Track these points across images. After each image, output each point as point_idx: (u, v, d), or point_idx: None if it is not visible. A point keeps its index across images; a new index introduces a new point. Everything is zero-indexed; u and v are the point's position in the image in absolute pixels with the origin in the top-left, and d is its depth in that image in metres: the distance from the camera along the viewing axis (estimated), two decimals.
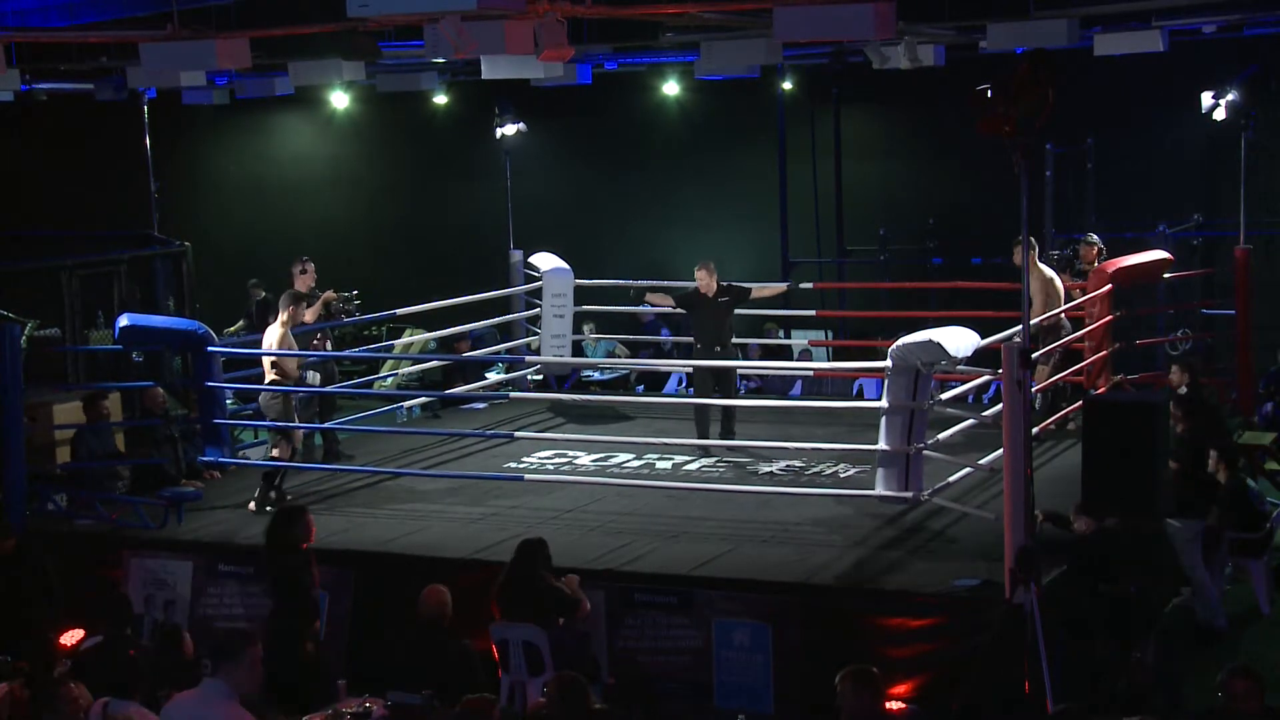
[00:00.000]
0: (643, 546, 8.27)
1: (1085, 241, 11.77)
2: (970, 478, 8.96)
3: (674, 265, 16.58)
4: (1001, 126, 6.81)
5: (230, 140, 19.72)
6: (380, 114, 18.55)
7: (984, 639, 6.93)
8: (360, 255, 18.08)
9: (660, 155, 17.62)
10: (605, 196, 17.85)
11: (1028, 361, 7.20)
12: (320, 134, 19.53)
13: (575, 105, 16.90)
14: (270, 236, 18.82)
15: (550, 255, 12.88)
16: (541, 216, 16.41)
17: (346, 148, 19.35)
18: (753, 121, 16.98)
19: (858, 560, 7.91)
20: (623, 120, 17.72)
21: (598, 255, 16.79)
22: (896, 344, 8.51)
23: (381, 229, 18.96)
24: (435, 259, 18.11)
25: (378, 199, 19.14)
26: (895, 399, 8.42)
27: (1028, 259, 7.38)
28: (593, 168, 17.98)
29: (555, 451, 10.67)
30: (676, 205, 17.68)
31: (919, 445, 8.44)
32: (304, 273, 10.60)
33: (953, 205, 15.71)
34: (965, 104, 6.91)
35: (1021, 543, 7.04)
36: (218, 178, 19.94)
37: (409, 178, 18.98)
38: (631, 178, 17.75)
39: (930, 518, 8.61)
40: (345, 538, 8.70)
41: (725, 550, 8.16)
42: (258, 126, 19.50)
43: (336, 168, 19.40)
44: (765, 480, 9.74)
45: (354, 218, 19.08)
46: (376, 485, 9.94)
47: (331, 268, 10.72)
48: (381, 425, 11.49)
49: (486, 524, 8.88)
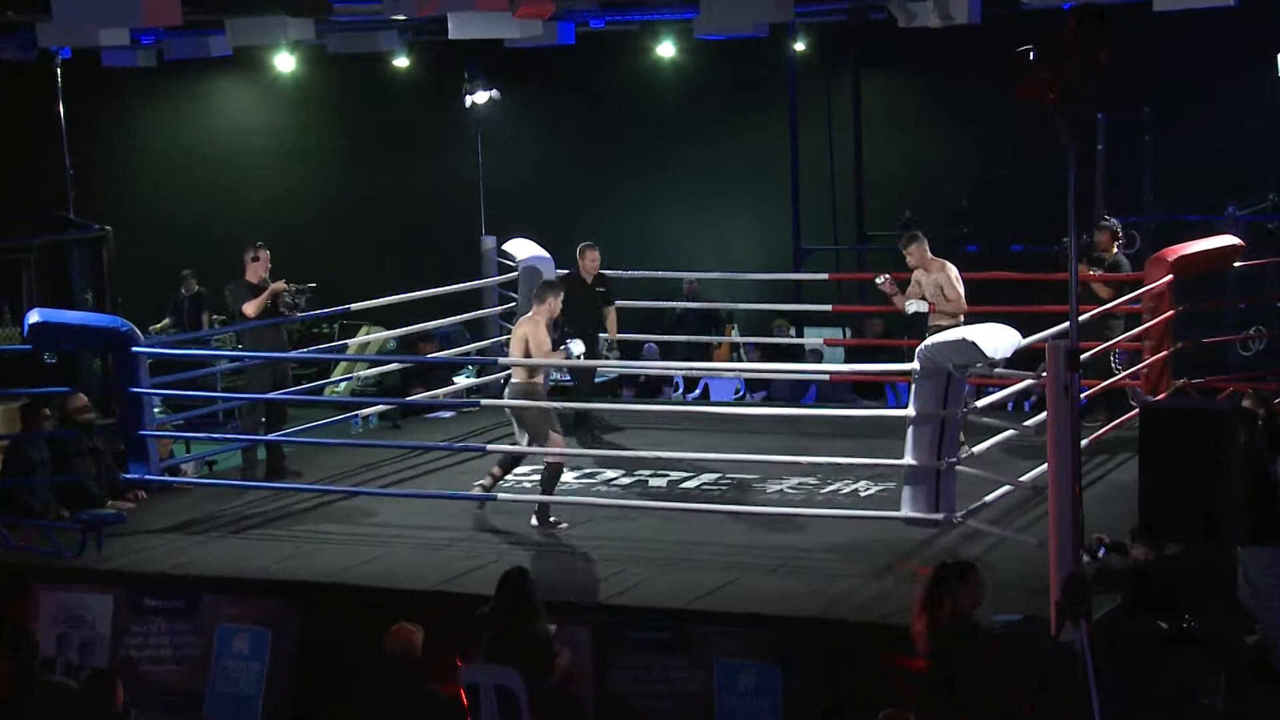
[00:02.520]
0: (634, 576, 8.27)
1: (1100, 226, 11.81)
2: (1010, 497, 8.97)
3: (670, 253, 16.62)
4: (1045, 93, 6.82)
5: (159, 109, 19.70)
6: (332, 79, 18.55)
7: (1027, 682, 6.93)
8: (308, 241, 18.06)
9: (654, 127, 17.65)
10: (591, 175, 17.87)
11: (1076, 363, 7.21)
12: (262, 102, 19.52)
13: (556, 69, 16.91)
14: (205, 220, 18.82)
15: (528, 242, 12.88)
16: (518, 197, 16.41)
17: (292, 118, 19.35)
18: (760, 88, 17.01)
19: (881, 592, 7.91)
20: (611, 87, 17.74)
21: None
22: (925, 343, 8.51)
23: (332, 211, 18.96)
24: (395, 246, 18.13)
25: (328, 177, 19.15)
26: (924, 406, 8.42)
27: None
28: (576, 142, 18.01)
29: (533, 467, 10.66)
30: (672, 185, 17.71)
31: (951, 460, 8.44)
32: (256, 260, 10.55)
33: (989, 184, 15.75)
34: (1004, 68, 6.91)
35: (1069, 572, 7.04)
36: (144, 152, 19.91)
37: (364, 153, 19.00)
38: (621, 153, 17.78)
39: (964, 543, 8.61)
40: (291, 566, 8.69)
41: (728, 580, 8.16)
42: (190, 93, 19.49)
43: (280, 141, 19.40)
44: (774, 500, 9.75)
45: (300, 198, 19.09)
46: (328, 505, 9.93)
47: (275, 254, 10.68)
48: (334, 437, 11.49)
49: (454, 550, 8.87)
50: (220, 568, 8.69)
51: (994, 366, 8.60)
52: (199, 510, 9.84)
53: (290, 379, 11.14)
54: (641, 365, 13.86)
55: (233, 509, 9.82)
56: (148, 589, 8.60)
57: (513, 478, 10.46)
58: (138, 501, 10.05)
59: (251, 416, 10.63)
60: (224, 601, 8.37)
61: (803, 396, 14.33)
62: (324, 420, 11.72)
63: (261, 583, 8.43)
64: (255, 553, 8.94)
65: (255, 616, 8.28)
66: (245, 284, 10.49)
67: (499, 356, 12.81)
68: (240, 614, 8.32)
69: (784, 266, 15.70)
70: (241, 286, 10.49)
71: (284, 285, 10.54)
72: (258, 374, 10.62)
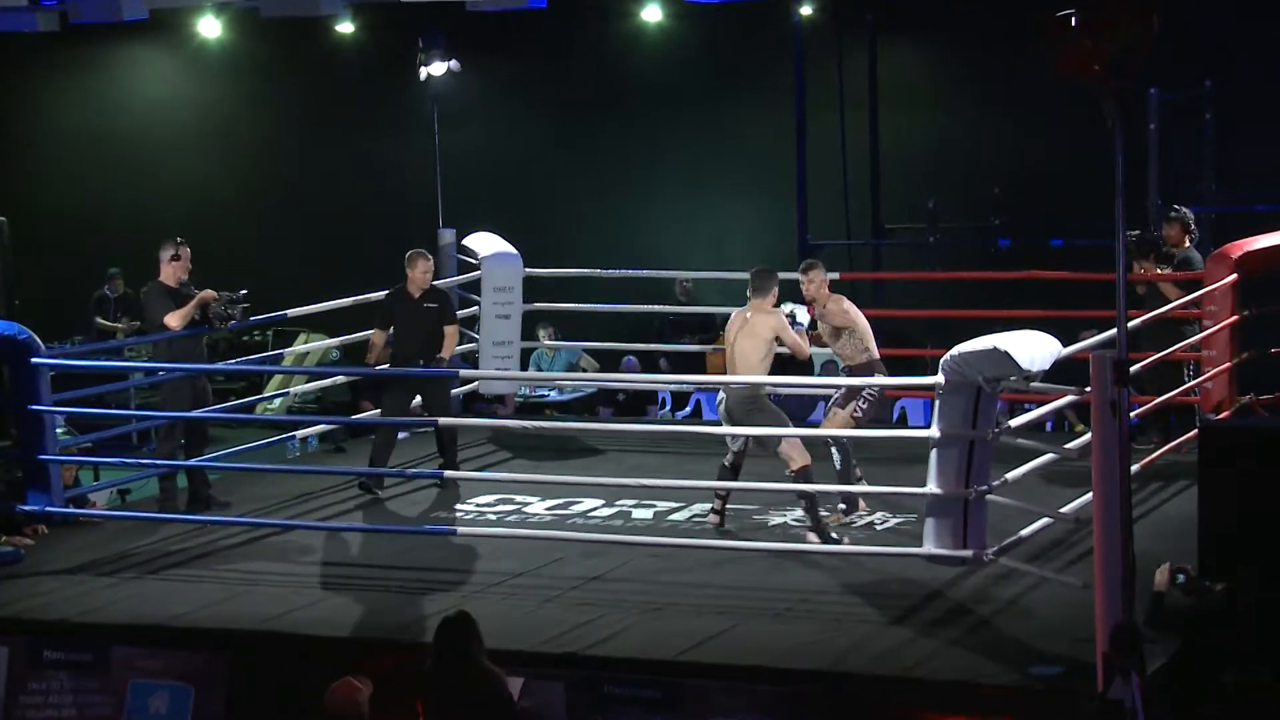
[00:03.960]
0: (615, 623, 8.25)
1: (1169, 218, 11.83)
2: (1049, 531, 8.97)
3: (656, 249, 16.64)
4: (1089, 66, 6.84)
5: (64, 80, 19.66)
6: (265, 47, 18.54)
7: None
8: (237, 235, 18.07)
9: (638, 105, 17.67)
10: (565, 159, 17.89)
11: (1125, 376, 7.22)
12: (185, 73, 19.51)
13: (525, 37, 16.93)
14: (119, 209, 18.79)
15: (492, 236, 12.90)
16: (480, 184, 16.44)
17: (218, 92, 19.33)
18: (761, 59, 17.04)
19: (900, 640, 7.91)
20: (588, 58, 17.76)
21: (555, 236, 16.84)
22: (951, 353, 8.51)
23: (266, 200, 18.95)
24: (339, 241, 18.12)
25: (260, 161, 19.14)
26: (949, 426, 8.42)
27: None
28: (549, 121, 18.02)
29: (499, 496, 10.65)
30: (660, 171, 17.73)
31: (980, 488, 8.45)
32: (175, 259, 10.51)
33: (1024, 170, 15.80)
34: (1041, 36, 6.92)
35: (1119, 618, 7.04)
36: (47, 130, 19.89)
37: (302, 133, 18.98)
38: (600, 135, 17.80)
39: (996, 584, 8.62)
40: (217, 612, 8.65)
41: (725, 627, 8.15)
42: (101, 62, 19.46)
43: (205, 119, 19.38)
44: (777, 534, 9.74)
45: (228, 185, 19.07)
46: (260, 541, 9.91)
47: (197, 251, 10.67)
48: (267, 461, 11.49)
49: (405, 593, 8.85)
50: (134, 614, 8.64)
51: (1030, 380, 8.60)
52: (109, 547, 9.80)
53: (211, 395, 11.12)
54: (623, 379, 13.84)
55: (148, 546, 9.78)
56: (48, 639, 8.53)
57: (474, 508, 10.47)
58: (37, 537, 10.00)
59: (170, 438, 10.60)
60: (138, 654, 8.32)
61: (810, 414, 14.33)
62: (256, 442, 11.69)
63: (182, 631, 8.37)
64: (175, 596, 8.89)
65: (175, 671, 8.23)
66: (162, 287, 10.46)
67: (459, 367, 12.84)
68: (157, 668, 8.27)
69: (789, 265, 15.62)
70: (158, 290, 10.45)
71: (213, 294, 10.50)
72: (177, 389, 10.58)
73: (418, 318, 10.93)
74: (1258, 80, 14.91)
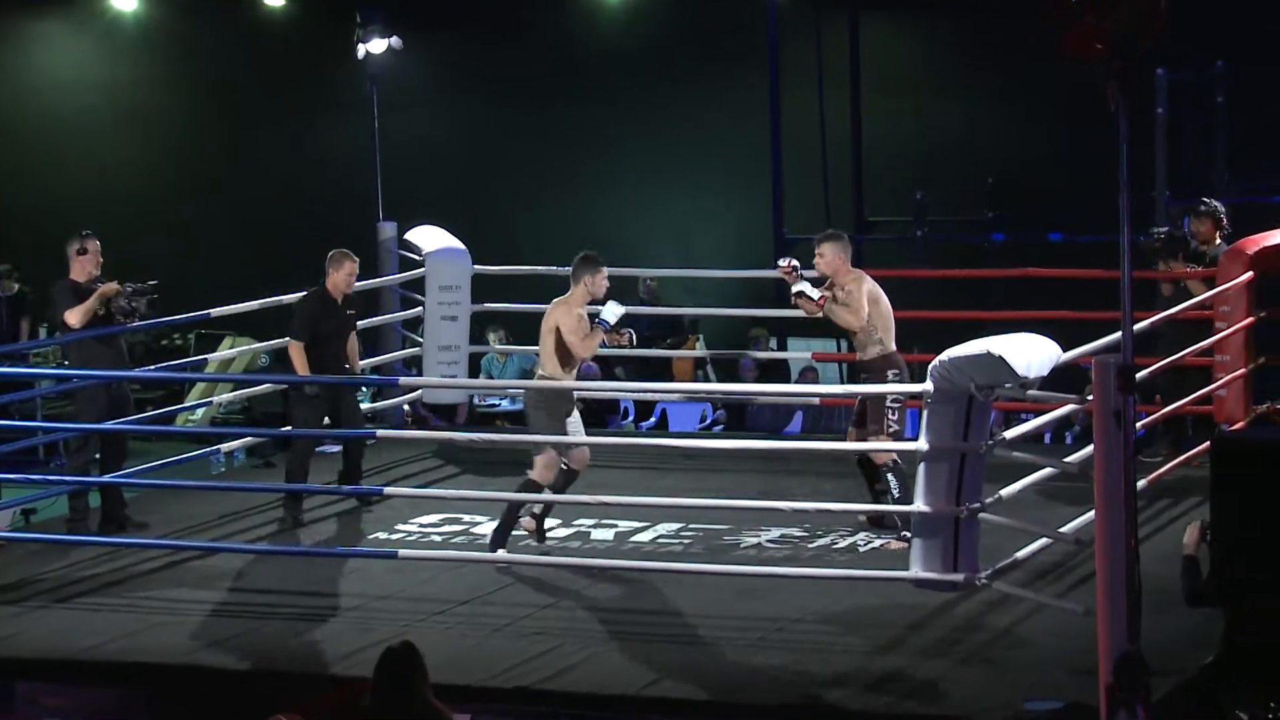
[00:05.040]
0: (572, 654, 8.25)
1: (1199, 212, 11.86)
2: (1048, 552, 9.01)
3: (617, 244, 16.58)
4: (1091, 45, 6.87)
5: None
6: (185, 22, 18.51)
7: None
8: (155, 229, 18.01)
9: (598, 87, 17.69)
10: (518, 146, 17.90)
11: (1131, 383, 7.25)
12: (97, 51, 19.44)
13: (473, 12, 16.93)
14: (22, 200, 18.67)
15: (437, 230, 12.92)
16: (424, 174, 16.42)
17: (136, 71, 19.27)
18: (733, 37, 17.09)
19: (885, 672, 7.92)
20: (543, 34, 17.77)
21: (506, 231, 16.84)
22: (940, 359, 8.55)
23: (188, 190, 18.90)
24: (268, 234, 18.09)
25: (180, 148, 19.09)
26: (938, 438, 8.45)
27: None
28: (500, 104, 18.02)
29: (444, 516, 10.65)
30: (621, 159, 17.75)
31: (972, 505, 8.48)
32: (83, 254, 10.50)
33: (1021, 159, 15.86)
34: (1039, 13, 6.96)
35: (1123, 648, 7.06)
36: None
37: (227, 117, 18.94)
38: (557, 119, 17.82)
39: (990, 611, 8.64)
40: (133, 644, 8.61)
41: (693, 659, 8.16)
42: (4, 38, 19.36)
43: (120, 100, 19.33)
44: (750, 556, 9.76)
45: (144, 174, 19.01)
46: (181, 566, 9.88)
47: (113, 246, 10.63)
48: (189, 478, 11.44)
49: (344, 622, 8.85)
50: (40, 647, 8.60)
51: (1027, 387, 8.64)
52: (11, 573, 9.74)
53: (132, 404, 11.07)
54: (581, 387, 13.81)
55: (56, 571, 9.73)
56: None
57: (418, 528, 10.45)
58: None
59: (82, 452, 10.57)
60: (45, 690, 8.30)
61: (785, 425, 14.36)
62: (176, 457, 11.66)
63: (94, 665, 8.33)
64: (86, 627, 8.85)
65: (86, 709, 8.22)
66: (68, 285, 10.44)
67: (400, 375, 12.83)
68: (66, 706, 8.25)
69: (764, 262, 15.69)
70: (63, 289, 10.43)
71: (116, 286, 10.47)
72: (90, 398, 10.55)
73: (339, 326, 10.80)
74: (1274, 59, 14.98)
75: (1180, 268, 11.44)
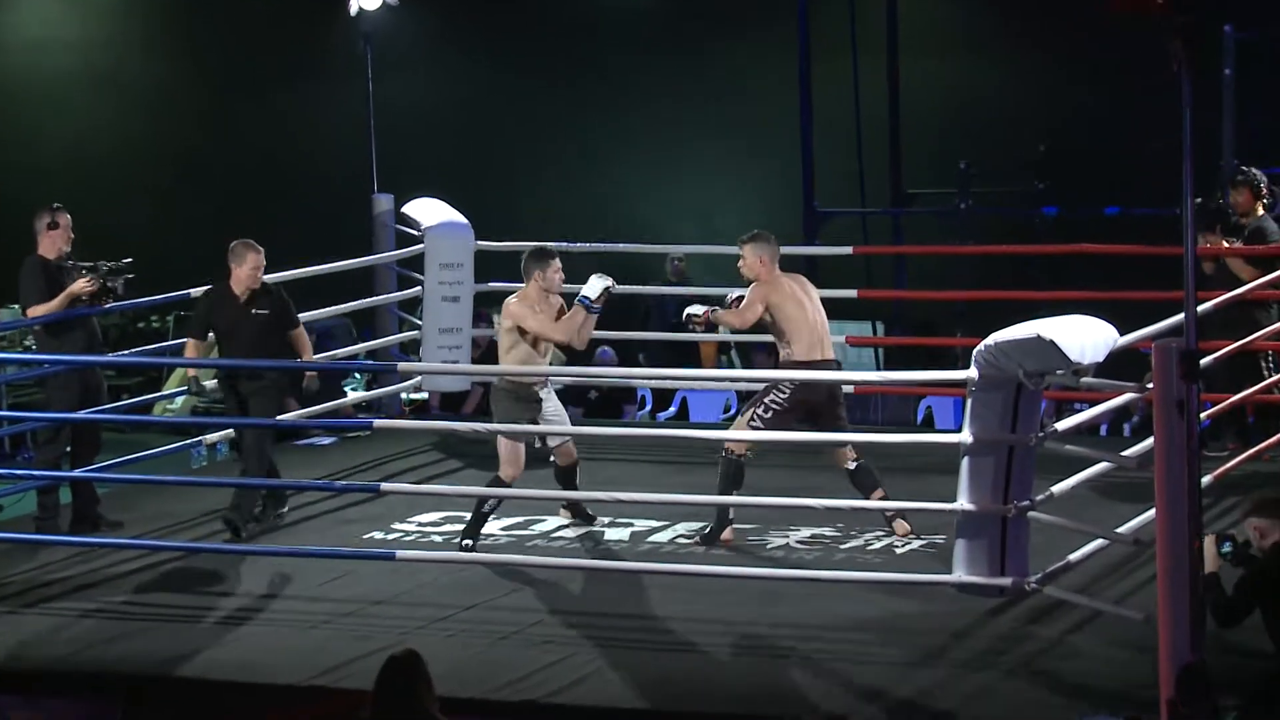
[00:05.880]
0: (584, 664, 8.25)
1: (1236, 181, 11.85)
2: (1104, 555, 8.99)
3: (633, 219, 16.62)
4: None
5: None
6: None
7: None
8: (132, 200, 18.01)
9: (612, 47, 17.68)
10: (523, 112, 17.88)
11: (1195, 370, 7.22)
12: (68, 10, 19.43)
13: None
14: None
15: (437, 203, 12.94)
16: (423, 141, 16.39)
17: (108, 32, 19.29)
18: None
19: (924, 685, 7.91)
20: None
21: (511, 203, 16.83)
22: (986, 343, 8.52)
23: (166, 159, 18.93)
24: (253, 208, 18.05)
25: (158, 114, 19.11)
26: (983, 429, 8.44)
27: None
28: (504, 66, 18.03)
29: (445, 514, 10.64)
30: (637, 127, 17.76)
31: (1021, 504, 8.46)
32: (53, 228, 10.52)
33: (1074, 125, 15.83)
34: None
35: (1187, 658, 7.04)
36: None
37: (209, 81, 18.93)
38: (568, 83, 17.83)
39: (1040, 619, 8.63)
40: (107, 652, 8.63)
41: (715, 670, 8.17)
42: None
43: (93, 64, 19.35)
44: (777, 559, 9.77)
45: (118, 142, 19.02)
46: (159, 567, 9.89)
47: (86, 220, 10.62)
48: (168, 473, 11.43)
49: (336, 629, 8.85)
50: (6, 656, 8.61)
51: (1081, 374, 8.62)
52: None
53: (106, 392, 11.07)
54: (594, 374, 13.81)
55: (24, 574, 9.74)
56: None
57: (417, 527, 10.45)
58: None
59: (52, 445, 10.58)
60: (11, 703, 8.29)
61: None
62: (154, 450, 11.67)
63: (65, 675, 8.35)
64: (55, 634, 8.87)
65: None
66: (36, 263, 10.45)
67: (399, 360, 12.82)
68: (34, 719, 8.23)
69: (793, 237, 15.70)
70: (34, 266, 10.43)
71: (86, 285, 10.41)
72: (61, 386, 10.54)
73: (241, 326, 10.56)
74: None
75: (1218, 242, 11.45)
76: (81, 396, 10.55)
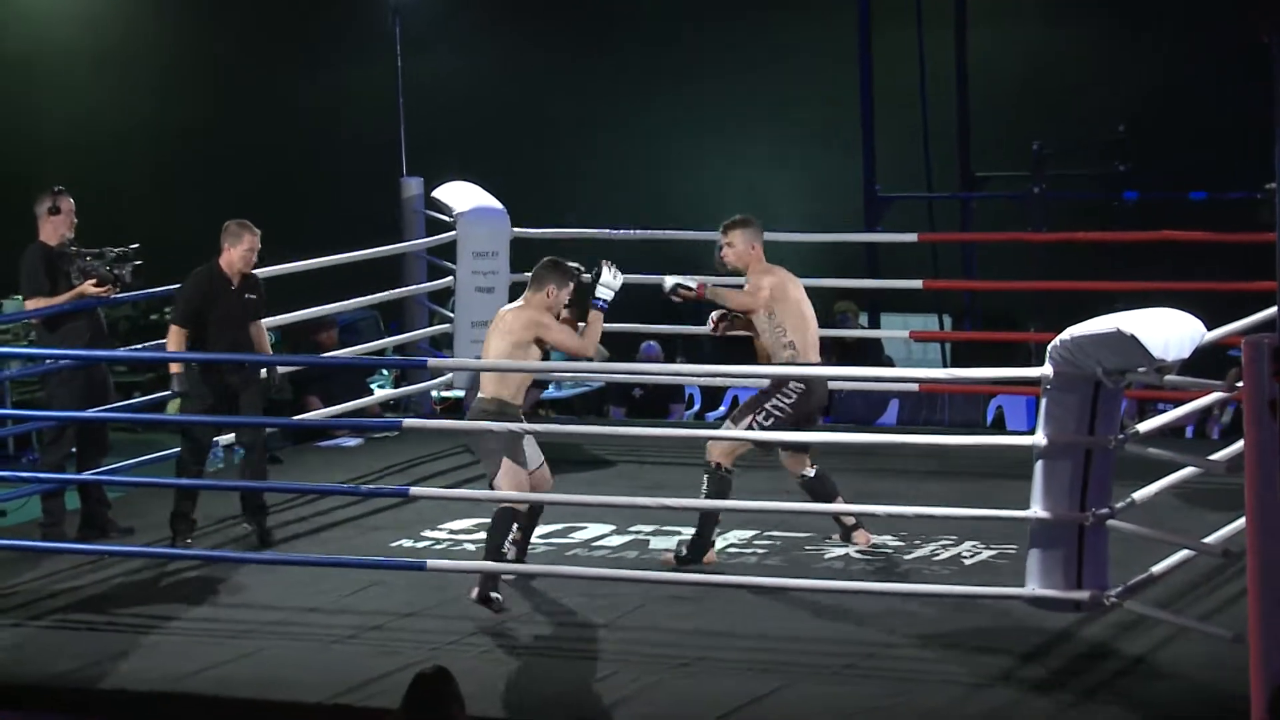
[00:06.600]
0: (629, 683, 8.25)
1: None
2: (1190, 567, 8.95)
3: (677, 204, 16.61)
4: None
5: None
6: None
7: None
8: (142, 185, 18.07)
9: (655, 20, 17.68)
10: (561, 90, 17.91)
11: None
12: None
13: None
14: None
15: (470, 187, 12.99)
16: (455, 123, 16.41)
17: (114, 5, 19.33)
18: None
19: (993, 707, 7.91)
20: None
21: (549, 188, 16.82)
22: (1062, 338, 8.49)
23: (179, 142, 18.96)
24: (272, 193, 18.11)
25: (169, 92, 19.17)
26: (1059, 431, 8.41)
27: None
28: (541, 42, 18.04)
29: (478, 521, 10.63)
30: (682, 106, 17.78)
31: (1099, 511, 8.42)
32: (55, 213, 10.57)
33: (1157, 103, 15.77)
34: None
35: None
36: None
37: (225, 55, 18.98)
38: (607, 59, 17.83)
39: (1120, 635, 8.61)
40: (115, 668, 8.64)
41: (770, 689, 8.15)
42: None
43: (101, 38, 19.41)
44: (837, 570, 9.78)
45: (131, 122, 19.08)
46: (173, 577, 9.92)
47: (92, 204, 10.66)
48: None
49: (362, 644, 8.87)
50: (9, 671, 8.64)
51: (1164, 372, 8.57)
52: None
53: (113, 389, 11.08)
54: (640, 370, 13.79)
55: (28, 584, 9.79)
56: None
57: (448, 535, 10.45)
58: None
59: (57, 446, 10.60)
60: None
61: (879, 416, 14.31)
62: (166, 451, 11.67)
63: (70, 693, 8.37)
64: (62, 648, 8.90)
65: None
66: (39, 250, 10.49)
67: (429, 356, 12.83)
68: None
69: (852, 225, 15.70)
70: (33, 254, 10.47)
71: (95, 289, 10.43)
72: (66, 382, 10.57)
73: (232, 312, 10.56)
74: None
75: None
76: (86, 394, 10.57)
